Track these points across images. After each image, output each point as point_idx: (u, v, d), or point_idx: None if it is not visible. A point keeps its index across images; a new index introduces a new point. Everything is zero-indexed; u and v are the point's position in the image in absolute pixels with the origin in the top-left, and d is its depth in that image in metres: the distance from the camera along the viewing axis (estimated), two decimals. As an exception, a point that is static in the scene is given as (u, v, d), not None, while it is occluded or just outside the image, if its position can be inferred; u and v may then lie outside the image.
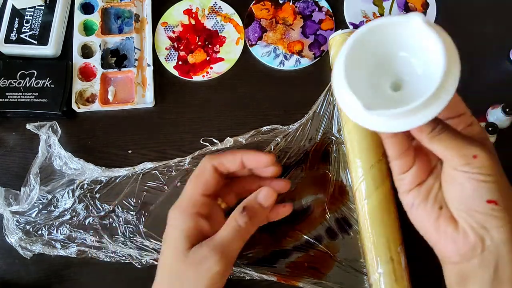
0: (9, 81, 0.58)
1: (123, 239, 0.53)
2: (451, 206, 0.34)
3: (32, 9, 0.62)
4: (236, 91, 0.60)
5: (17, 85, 0.58)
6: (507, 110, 0.50)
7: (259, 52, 0.61)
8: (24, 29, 0.61)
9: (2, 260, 0.54)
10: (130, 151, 0.57)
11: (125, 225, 0.53)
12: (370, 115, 0.28)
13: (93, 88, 0.60)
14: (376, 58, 0.31)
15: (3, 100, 0.57)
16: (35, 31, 0.61)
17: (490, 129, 0.49)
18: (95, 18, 0.62)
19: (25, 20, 0.61)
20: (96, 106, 0.58)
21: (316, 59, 0.60)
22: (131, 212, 0.54)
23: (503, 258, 0.31)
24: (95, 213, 0.54)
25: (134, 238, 0.53)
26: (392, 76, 0.31)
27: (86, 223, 0.54)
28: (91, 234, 0.53)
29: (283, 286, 0.51)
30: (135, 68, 0.60)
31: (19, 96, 0.57)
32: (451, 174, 0.33)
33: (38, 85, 0.58)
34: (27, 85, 0.58)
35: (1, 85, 0.58)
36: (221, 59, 0.61)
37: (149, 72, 0.60)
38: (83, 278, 0.53)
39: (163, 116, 0.59)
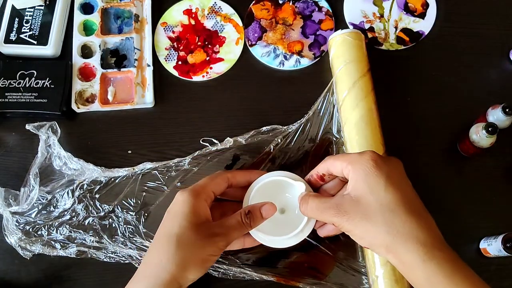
0: (9, 81, 0.58)
1: (122, 239, 0.53)
2: None
3: (32, 9, 0.62)
4: (235, 91, 0.60)
5: (16, 85, 0.58)
6: (507, 110, 0.50)
7: (259, 52, 0.61)
8: (24, 29, 0.61)
9: (2, 260, 0.54)
10: (130, 151, 0.57)
11: (124, 226, 0.53)
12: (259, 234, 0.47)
13: (92, 88, 0.59)
14: (269, 197, 0.47)
15: (3, 100, 0.57)
16: (35, 31, 0.61)
17: (490, 129, 0.49)
18: (95, 18, 0.62)
19: (25, 20, 0.61)
20: (96, 106, 0.58)
21: (316, 59, 0.60)
22: (131, 212, 0.54)
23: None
24: (95, 213, 0.54)
25: (134, 239, 0.53)
26: (279, 206, 0.48)
27: (86, 224, 0.54)
28: (90, 234, 0.53)
29: (282, 287, 0.51)
30: (135, 68, 0.60)
31: (18, 96, 0.57)
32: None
33: (38, 85, 0.58)
34: (27, 85, 0.58)
35: (1, 85, 0.58)
36: (221, 59, 0.61)
37: (148, 72, 0.60)
38: (82, 279, 0.53)
39: (163, 116, 0.59)
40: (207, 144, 0.56)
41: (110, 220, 0.54)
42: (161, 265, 0.42)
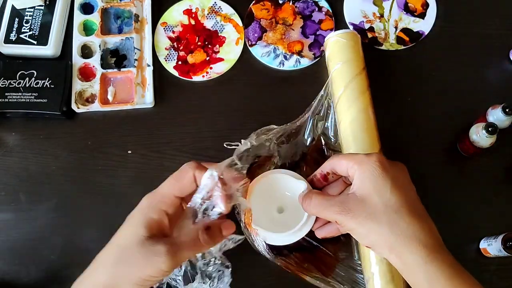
0: (9, 81, 0.58)
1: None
2: None
3: (32, 9, 0.62)
4: (235, 91, 0.60)
5: (16, 85, 0.58)
6: (507, 110, 0.50)
7: (259, 52, 0.61)
8: (24, 29, 0.61)
9: (2, 260, 0.54)
10: (129, 151, 0.57)
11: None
12: (258, 229, 0.47)
13: (92, 88, 0.59)
14: (269, 194, 0.49)
15: (3, 100, 0.57)
16: (34, 31, 0.61)
17: (490, 129, 0.49)
18: (95, 18, 0.62)
19: (24, 20, 0.61)
20: (96, 106, 0.58)
21: (316, 59, 0.60)
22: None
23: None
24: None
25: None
26: (278, 204, 0.50)
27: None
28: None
29: (283, 285, 0.51)
30: (135, 68, 0.60)
31: (18, 96, 0.57)
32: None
33: (38, 85, 0.58)
34: (27, 85, 0.58)
35: (1, 85, 0.58)
36: (221, 59, 0.61)
37: (148, 72, 0.60)
38: (83, 278, 0.53)
39: (163, 116, 0.59)
40: (233, 146, 0.54)
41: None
42: (97, 273, 0.41)
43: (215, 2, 0.64)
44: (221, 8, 0.63)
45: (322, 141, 0.55)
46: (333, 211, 0.41)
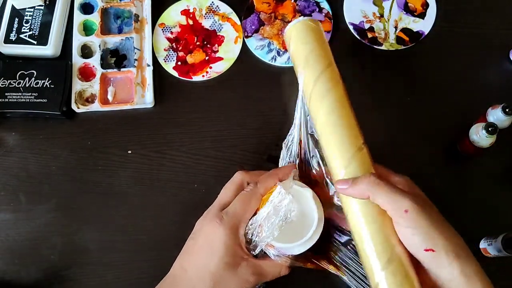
0: (9, 81, 0.58)
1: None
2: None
3: (32, 9, 0.62)
4: (235, 90, 0.60)
5: (16, 85, 0.58)
6: (507, 110, 0.50)
7: (253, 44, 0.61)
8: (24, 29, 0.61)
9: (2, 260, 0.54)
10: (130, 151, 0.57)
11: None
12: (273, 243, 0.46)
13: (92, 88, 0.60)
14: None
15: (3, 100, 0.57)
16: (34, 31, 0.61)
17: (490, 129, 0.49)
18: (95, 18, 0.62)
19: (24, 20, 0.61)
20: (96, 106, 0.58)
21: None
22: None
23: None
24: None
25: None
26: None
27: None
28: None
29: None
30: (135, 68, 0.60)
31: (18, 96, 0.57)
32: (395, 222, 0.39)
33: (38, 85, 0.58)
34: (27, 85, 0.58)
35: (1, 85, 0.58)
36: (220, 59, 0.61)
37: (148, 72, 0.60)
38: (82, 279, 0.53)
39: (163, 116, 0.59)
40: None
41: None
42: None
43: (212, 2, 0.64)
44: (218, 8, 0.63)
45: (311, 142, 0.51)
46: (409, 200, 0.37)
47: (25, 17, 0.61)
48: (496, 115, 0.52)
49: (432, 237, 0.37)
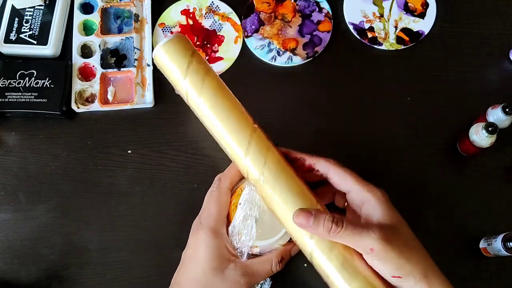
0: (9, 81, 0.58)
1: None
2: None
3: (32, 9, 0.62)
4: (235, 90, 0.60)
5: (16, 85, 0.58)
6: (507, 110, 0.50)
7: (253, 44, 0.61)
8: (24, 29, 0.61)
9: (2, 260, 0.54)
10: (129, 151, 0.57)
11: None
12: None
13: (92, 88, 0.59)
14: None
15: (3, 100, 0.57)
16: (34, 31, 0.61)
17: (490, 129, 0.49)
18: (95, 18, 0.62)
19: (24, 20, 0.61)
20: (96, 106, 0.58)
21: (308, 59, 0.60)
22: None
23: None
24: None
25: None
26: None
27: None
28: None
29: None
30: (135, 68, 0.60)
31: (18, 96, 0.57)
32: (364, 256, 0.40)
33: (38, 85, 0.58)
34: (27, 85, 0.58)
35: (1, 85, 0.58)
36: (220, 58, 0.61)
37: (148, 72, 0.60)
38: (82, 279, 0.53)
39: (163, 116, 0.59)
40: None
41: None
42: None
43: (212, 2, 0.64)
44: (218, 7, 0.63)
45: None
46: (372, 238, 0.38)
47: (25, 17, 0.61)
48: (496, 115, 0.52)
49: (399, 266, 0.38)
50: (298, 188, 0.43)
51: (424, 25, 0.62)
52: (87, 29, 0.63)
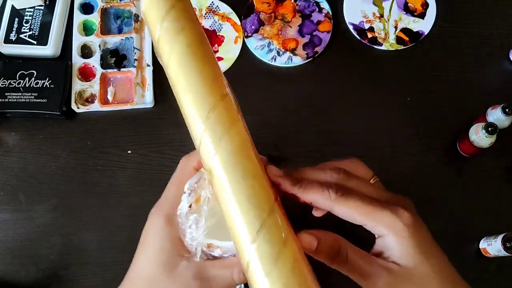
0: (9, 81, 0.58)
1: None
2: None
3: (32, 9, 0.62)
4: (235, 90, 0.59)
5: (16, 85, 0.58)
6: (507, 110, 0.50)
7: (253, 44, 0.61)
8: (24, 29, 0.61)
9: (2, 260, 0.54)
10: (129, 151, 0.57)
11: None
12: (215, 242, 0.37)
13: (92, 88, 0.59)
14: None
15: (3, 100, 0.57)
16: (34, 31, 0.61)
17: (490, 129, 0.49)
18: (95, 18, 0.62)
19: (24, 20, 0.61)
20: (96, 106, 0.58)
21: (308, 60, 0.60)
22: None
23: None
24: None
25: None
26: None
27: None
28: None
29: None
30: (135, 68, 0.60)
31: (18, 96, 0.57)
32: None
33: (38, 85, 0.58)
34: (27, 85, 0.58)
35: (1, 85, 0.58)
36: (220, 59, 0.61)
37: (148, 72, 0.60)
38: (82, 279, 0.53)
39: (163, 116, 0.59)
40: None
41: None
42: None
43: (212, 2, 0.64)
44: (218, 8, 0.63)
45: None
46: (381, 278, 0.31)
47: (25, 17, 0.61)
48: (496, 115, 0.52)
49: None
50: (255, 180, 0.31)
51: (424, 25, 0.62)
52: (87, 29, 0.63)
